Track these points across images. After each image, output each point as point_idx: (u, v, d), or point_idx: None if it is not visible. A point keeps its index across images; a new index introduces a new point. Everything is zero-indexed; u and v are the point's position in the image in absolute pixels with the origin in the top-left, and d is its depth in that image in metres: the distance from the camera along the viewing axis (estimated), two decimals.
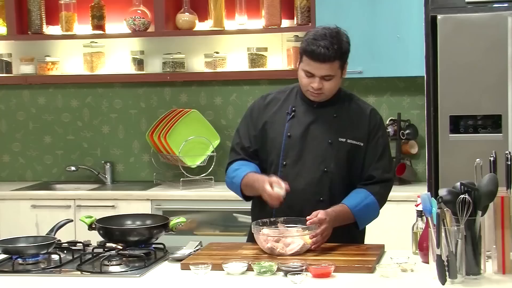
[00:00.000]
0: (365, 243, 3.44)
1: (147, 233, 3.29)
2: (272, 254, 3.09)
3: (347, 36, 3.27)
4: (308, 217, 3.15)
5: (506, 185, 2.89)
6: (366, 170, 3.32)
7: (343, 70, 3.29)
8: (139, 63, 5.49)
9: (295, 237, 3.10)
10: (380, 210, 3.36)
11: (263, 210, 3.33)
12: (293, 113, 3.35)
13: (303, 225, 3.14)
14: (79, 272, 3.04)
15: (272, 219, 3.24)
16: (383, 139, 3.38)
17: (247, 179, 3.32)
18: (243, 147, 3.42)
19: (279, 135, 3.34)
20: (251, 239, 3.31)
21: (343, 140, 3.31)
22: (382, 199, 3.34)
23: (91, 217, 3.39)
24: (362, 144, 3.32)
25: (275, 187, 3.16)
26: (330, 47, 3.17)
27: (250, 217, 3.50)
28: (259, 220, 3.23)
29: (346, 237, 3.27)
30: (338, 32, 3.24)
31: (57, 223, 3.45)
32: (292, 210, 3.26)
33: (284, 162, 3.32)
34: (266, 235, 3.12)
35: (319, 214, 3.15)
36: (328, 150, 3.30)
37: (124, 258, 3.15)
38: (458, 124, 4.49)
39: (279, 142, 3.33)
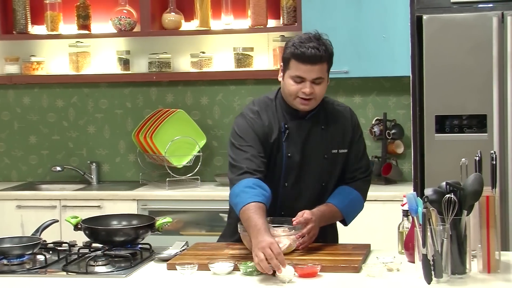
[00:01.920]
0: (340, 240, 3.44)
1: (133, 233, 3.28)
2: None
3: (329, 39, 3.20)
4: (294, 218, 3.14)
5: (491, 184, 2.91)
6: (350, 172, 3.33)
7: (328, 74, 3.22)
8: (125, 63, 5.47)
9: (282, 237, 3.09)
10: (365, 205, 3.37)
11: None
12: (287, 131, 3.23)
13: (290, 225, 3.13)
14: (64, 273, 3.03)
15: None
16: (362, 137, 3.38)
17: (246, 215, 2.97)
18: (254, 155, 3.13)
19: (278, 153, 3.22)
20: (224, 238, 3.35)
21: (335, 151, 3.28)
22: (364, 193, 3.37)
23: (76, 217, 3.38)
24: (347, 151, 3.32)
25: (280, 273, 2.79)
26: (320, 48, 3.10)
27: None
28: None
29: (321, 235, 3.24)
30: (320, 35, 3.16)
31: (43, 224, 3.43)
32: None
33: (286, 184, 3.26)
34: None
35: (305, 214, 3.14)
36: (324, 165, 3.27)
37: (110, 259, 3.14)
38: (443, 124, 4.50)
39: (279, 162, 3.23)
